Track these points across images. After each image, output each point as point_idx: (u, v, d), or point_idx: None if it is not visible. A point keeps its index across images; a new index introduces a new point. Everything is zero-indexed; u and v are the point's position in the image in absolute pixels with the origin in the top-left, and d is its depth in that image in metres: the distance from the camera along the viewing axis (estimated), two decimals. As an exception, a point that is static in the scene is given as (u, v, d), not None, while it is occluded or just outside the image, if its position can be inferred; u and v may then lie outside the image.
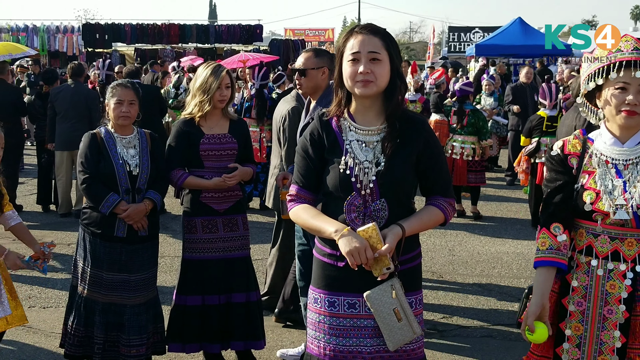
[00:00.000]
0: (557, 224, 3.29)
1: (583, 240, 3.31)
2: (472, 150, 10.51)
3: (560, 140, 3.46)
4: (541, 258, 3.29)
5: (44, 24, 30.12)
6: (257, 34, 31.53)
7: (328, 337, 3.27)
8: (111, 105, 4.96)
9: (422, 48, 60.64)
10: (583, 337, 3.30)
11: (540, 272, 3.30)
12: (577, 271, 3.32)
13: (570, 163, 3.34)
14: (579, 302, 3.31)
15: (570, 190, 3.31)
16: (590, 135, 3.39)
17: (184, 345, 5.22)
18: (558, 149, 3.41)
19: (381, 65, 3.17)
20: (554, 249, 3.26)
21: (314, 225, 3.26)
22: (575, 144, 3.37)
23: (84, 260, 4.98)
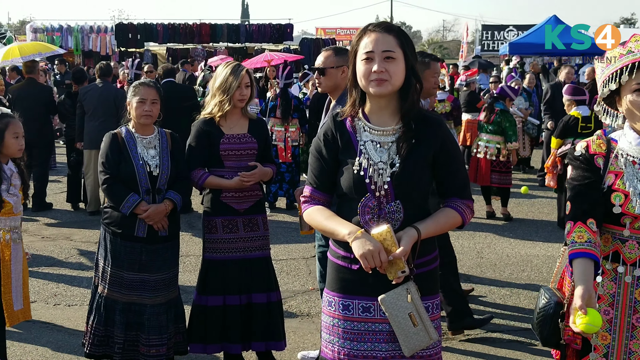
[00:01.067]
0: (593, 220, 3.14)
1: (609, 246, 3.20)
2: (497, 150, 10.36)
3: (583, 141, 3.37)
4: (579, 250, 3.07)
5: (77, 24, 30.41)
6: (288, 33, 31.55)
7: (342, 341, 3.21)
8: (133, 104, 4.95)
9: (455, 47, 60.33)
10: (611, 346, 3.20)
11: (580, 262, 3.06)
12: (603, 278, 3.21)
13: (597, 163, 3.23)
14: (606, 310, 3.20)
15: (599, 188, 3.20)
16: (613, 135, 3.28)
17: (205, 346, 5.20)
18: (582, 150, 3.29)
19: (395, 63, 3.11)
20: (592, 242, 3.07)
21: (328, 227, 3.21)
22: (599, 144, 3.26)
23: (104, 260, 4.98)
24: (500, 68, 26.42)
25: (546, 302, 3.33)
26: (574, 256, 3.09)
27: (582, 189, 3.22)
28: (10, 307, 4.81)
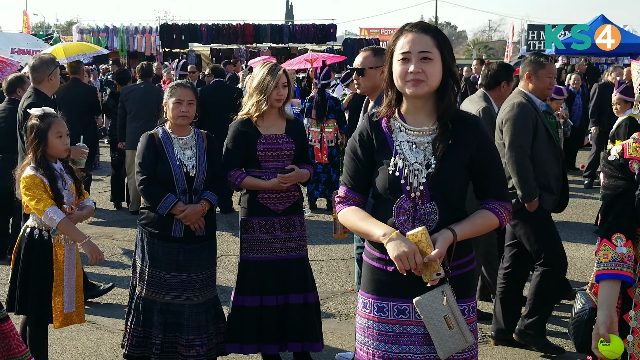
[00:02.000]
0: (619, 235, 3.10)
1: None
2: None
3: (619, 144, 3.28)
4: (604, 271, 3.08)
5: (123, 25, 30.79)
6: (331, 33, 31.54)
7: (377, 343, 3.18)
8: (170, 105, 4.96)
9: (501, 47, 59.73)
10: None
11: (604, 285, 3.10)
12: (639, 285, 3.14)
13: (632, 168, 3.15)
14: None
15: (631, 197, 3.12)
16: None
17: (242, 346, 5.19)
18: (617, 154, 3.22)
19: (432, 64, 3.06)
20: (617, 261, 3.05)
21: (362, 228, 3.17)
22: (635, 147, 3.18)
23: (142, 261, 5.01)
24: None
25: (581, 308, 3.27)
26: (599, 278, 3.12)
27: (611, 201, 3.19)
28: (60, 309, 4.86)
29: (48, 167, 4.78)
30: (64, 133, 4.87)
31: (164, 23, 32.25)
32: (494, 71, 6.48)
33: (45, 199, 4.67)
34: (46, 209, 4.64)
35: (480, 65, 18.56)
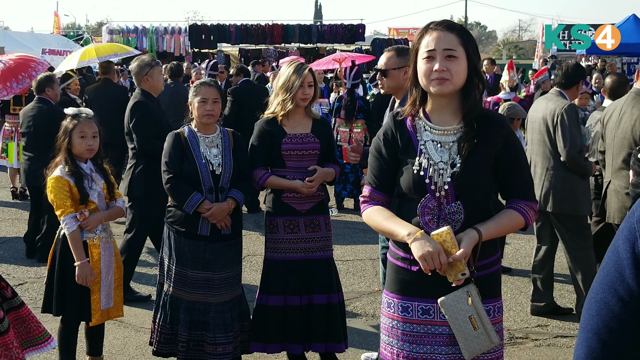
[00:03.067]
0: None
1: None
2: None
3: None
4: None
5: (152, 26, 30.96)
6: (360, 33, 31.44)
7: (401, 343, 3.17)
8: (195, 104, 4.98)
9: (531, 47, 59.26)
10: None
11: None
12: None
13: None
14: None
15: None
16: None
17: (265, 345, 5.19)
18: None
19: (457, 62, 3.04)
20: None
21: (387, 228, 3.16)
22: None
23: (169, 258, 5.02)
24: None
25: None
26: None
27: None
28: (98, 306, 4.91)
29: (75, 165, 4.83)
30: (88, 134, 4.90)
31: (193, 23, 32.33)
32: (571, 71, 6.56)
33: (66, 205, 4.74)
34: (63, 217, 4.74)
35: (491, 65, 18.24)
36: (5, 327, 3.27)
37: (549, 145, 6.24)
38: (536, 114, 6.43)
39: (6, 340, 3.27)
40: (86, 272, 4.77)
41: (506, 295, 7.04)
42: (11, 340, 3.34)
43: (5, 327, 3.26)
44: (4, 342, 3.27)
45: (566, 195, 6.16)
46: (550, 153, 6.25)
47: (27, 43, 27.10)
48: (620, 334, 1.57)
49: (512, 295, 7.11)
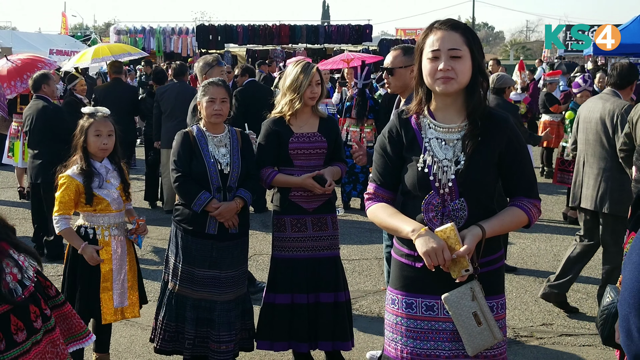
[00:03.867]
0: None
1: None
2: (563, 149, 10.19)
3: None
4: None
5: (160, 26, 31.04)
6: (367, 34, 31.50)
7: (405, 339, 3.20)
8: (203, 104, 5.01)
9: (538, 47, 59.21)
10: None
11: None
12: None
13: None
14: None
15: None
16: None
17: (272, 343, 5.22)
18: None
19: (462, 61, 3.07)
20: None
21: (391, 225, 3.19)
22: None
23: (175, 257, 5.06)
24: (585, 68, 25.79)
25: (610, 301, 3.22)
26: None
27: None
28: (110, 305, 4.95)
29: (88, 164, 4.90)
30: (103, 132, 4.95)
31: (201, 24, 32.46)
32: (625, 71, 6.56)
33: (65, 207, 4.82)
34: (56, 215, 4.82)
35: (497, 65, 18.23)
36: (52, 325, 3.40)
37: (607, 146, 6.25)
38: (592, 114, 6.43)
39: (53, 337, 3.40)
40: (90, 253, 4.82)
41: (511, 294, 7.07)
42: (57, 337, 3.47)
43: (52, 325, 3.38)
44: (51, 338, 3.40)
45: (623, 196, 6.12)
46: (607, 154, 6.25)
47: (35, 43, 27.22)
48: None
49: (517, 295, 7.13)
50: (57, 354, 3.45)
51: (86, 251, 4.83)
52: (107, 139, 4.97)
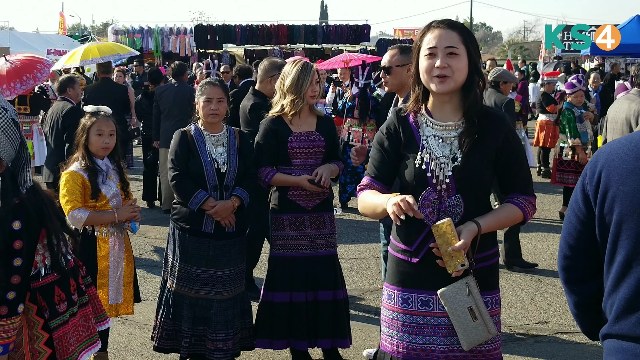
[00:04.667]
0: None
1: None
2: (560, 149, 10.23)
3: None
4: None
5: (158, 26, 31.05)
6: (365, 34, 31.53)
7: (401, 334, 3.24)
8: (200, 104, 5.04)
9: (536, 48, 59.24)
10: None
11: None
12: None
13: None
14: None
15: None
16: None
17: (271, 342, 5.25)
18: None
19: (458, 59, 3.11)
20: None
21: (373, 202, 3.21)
22: None
23: (173, 255, 5.08)
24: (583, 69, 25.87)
25: None
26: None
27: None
28: (105, 301, 4.95)
29: (91, 162, 4.93)
30: (105, 132, 4.99)
31: (199, 24, 32.44)
32: None
33: (76, 200, 4.82)
34: (71, 212, 4.79)
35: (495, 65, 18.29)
36: (86, 300, 3.65)
37: None
38: (618, 115, 6.45)
39: (86, 312, 3.63)
40: (126, 213, 4.96)
41: (508, 293, 7.10)
42: (90, 312, 3.69)
43: (85, 300, 3.63)
44: (84, 312, 3.62)
45: None
46: None
47: (32, 43, 27.24)
48: (577, 238, 2.42)
49: (513, 293, 7.17)
50: (88, 327, 3.67)
51: (122, 215, 4.94)
52: (108, 138, 5.01)
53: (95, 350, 3.76)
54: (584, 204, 2.35)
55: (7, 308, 3.11)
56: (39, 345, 3.31)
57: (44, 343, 3.33)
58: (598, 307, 2.41)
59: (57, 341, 3.39)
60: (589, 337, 2.65)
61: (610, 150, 2.29)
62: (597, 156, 2.34)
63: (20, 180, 3.17)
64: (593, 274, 2.41)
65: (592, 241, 2.36)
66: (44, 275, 3.33)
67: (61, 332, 3.43)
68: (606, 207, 2.25)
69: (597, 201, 2.28)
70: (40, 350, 3.31)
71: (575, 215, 2.40)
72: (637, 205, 2.16)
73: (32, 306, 3.31)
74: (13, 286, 3.10)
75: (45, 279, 3.34)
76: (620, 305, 2.21)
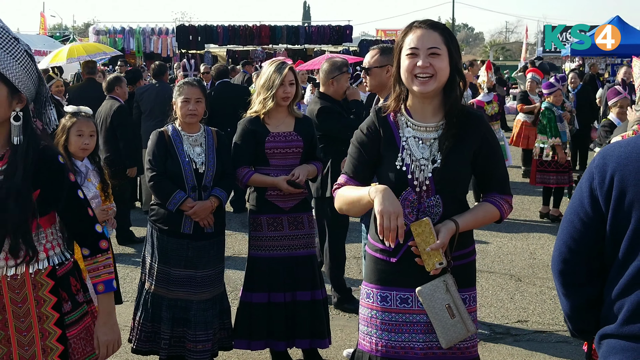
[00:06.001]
0: None
1: None
2: (540, 149, 10.28)
3: (619, 135, 3.31)
4: None
5: (139, 26, 30.90)
6: (347, 34, 31.50)
7: (380, 332, 3.24)
8: (178, 104, 5.02)
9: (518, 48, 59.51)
10: None
11: None
12: None
13: None
14: None
15: None
16: None
17: (249, 342, 5.23)
18: None
19: (440, 59, 3.11)
20: None
21: (353, 196, 3.18)
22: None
23: (151, 256, 5.06)
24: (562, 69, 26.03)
25: None
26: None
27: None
28: None
29: (70, 163, 4.88)
30: (85, 133, 4.96)
31: (181, 24, 32.27)
32: None
33: None
34: None
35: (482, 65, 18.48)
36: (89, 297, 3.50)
37: None
38: None
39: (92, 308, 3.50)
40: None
41: (487, 292, 7.14)
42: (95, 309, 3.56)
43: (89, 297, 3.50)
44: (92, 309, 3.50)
45: None
46: None
47: (13, 44, 26.96)
48: (579, 242, 2.35)
49: (493, 292, 7.20)
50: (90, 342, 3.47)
51: None
52: (88, 139, 4.98)
53: None
54: (591, 208, 2.31)
55: (107, 241, 3.22)
56: (52, 359, 3.17)
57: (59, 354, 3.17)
58: (594, 308, 2.42)
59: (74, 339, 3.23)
60: (579, 337, 2.67)
61: (621, 154, 2.26)
62: (604, 159, 2.29)
63: (45, 119, 3.11)
64: (593, 276, 2.40)
65: (596, 245, 2.34)
66: (59, 264, 3.17)
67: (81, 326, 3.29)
68: (623, 211, 2.22)
69: (611, 206, 2.25)
70: (53, 347, 3.16)
71: (580, 219, 2.35)
72: None
73: (52, 298, 3.16)
74: (94, 218, 3.18)
75: (62, 268, 3.19)
76: (633, 307, 2.21)
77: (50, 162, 3.01)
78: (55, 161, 3.02)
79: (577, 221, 2.36)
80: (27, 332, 3.09)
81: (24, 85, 2.95)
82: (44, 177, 2.97)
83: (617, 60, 23.52)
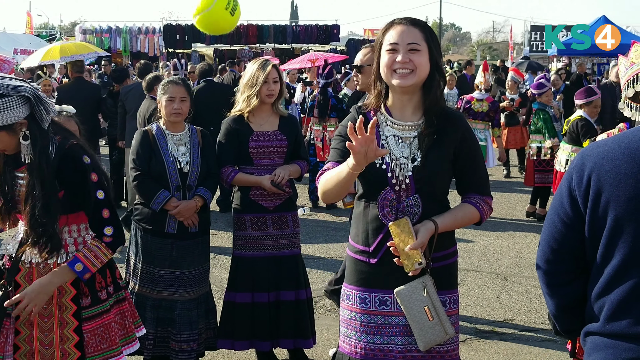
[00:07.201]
0: None
1: None
2: (537, 150, 10.26)
3: (604, 133, 3.31)
4: None
5: (126, 26, 30.80)
6: (334, 34, 31.55)
7: (359, 334, 3.21)
8: (163, 103, 4.99)
9: (505, 48, 59.82)
10: None
11: None
12: None
13: None
14: None
15: None
16: None
17: (233, 342, 5.21)
18: None
19: (420, 55, 3.09)
20: None
21: (335, 174, 3.07)
22: None
23: (135, 256, 5.04)
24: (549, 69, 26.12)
25: None
26: None
27: None
28: None
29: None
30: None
31: (168, 24, 32.19)
32: None
33: None
34: None
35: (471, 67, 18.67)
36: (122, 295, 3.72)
37: None
38: None
39: (123, 308, 3.70)
40: None
41: (473, 291, 7.15)
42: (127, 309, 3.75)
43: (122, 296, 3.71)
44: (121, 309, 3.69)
45: None
46: None
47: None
48: (561, 242, 2.37)
49: (479, 291, 7.21)
50: (124, 326, 3.75)
51: None
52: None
53: (131, 350, 3.81)
54: (571, 208, 2.32)
55: (111, 239, 3.42)
56: (69, 347, 3.37)
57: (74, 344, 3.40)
58: (579, 307, 2.43)
59: (88, 334, 3.44)
60: (565, 336, 2.68)
61: (598, 153, 2.26)
62: (583, 159, 2.31)
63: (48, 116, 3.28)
64: (576, 275, 2.41)
65: (578, 244, 2.35)
66: None
67: (98, 322, 3.48)
68: (599, 211, 2.23)
69: (588, 205, 2.26)
70: (70, 352, 3.38)
71: (560, 219, 2.37)
72: (634, 210, 2.15)
73: (72, 290, 3.41)
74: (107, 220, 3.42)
75: None
76: (614, 306, 2.22)
77: (75, 162, 3.28)
78: (79, 162, 3.29)
79: (558, 222, 2.38)
80: (48, 319, 3.37)
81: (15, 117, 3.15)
82: (68, 178, 3.28)
83: (603, 59, 23.59)
